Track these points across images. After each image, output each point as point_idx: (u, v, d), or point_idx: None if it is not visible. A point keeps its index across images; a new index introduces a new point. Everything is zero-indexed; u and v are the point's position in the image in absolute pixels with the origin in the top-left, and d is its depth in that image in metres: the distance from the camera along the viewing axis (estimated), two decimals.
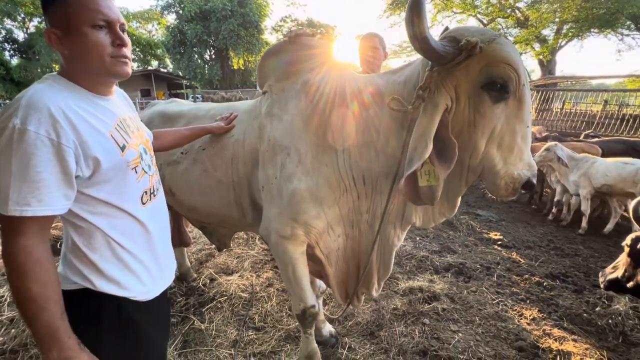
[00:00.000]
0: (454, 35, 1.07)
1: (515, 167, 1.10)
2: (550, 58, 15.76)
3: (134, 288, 0.93)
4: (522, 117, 1.09)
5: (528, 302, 2.46)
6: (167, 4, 26.47)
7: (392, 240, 1.47)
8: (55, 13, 0.81)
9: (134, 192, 0.93)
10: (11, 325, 2.09)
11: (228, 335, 2.07)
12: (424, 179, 1.12)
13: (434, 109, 1.05)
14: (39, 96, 0.76)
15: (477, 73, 1.05)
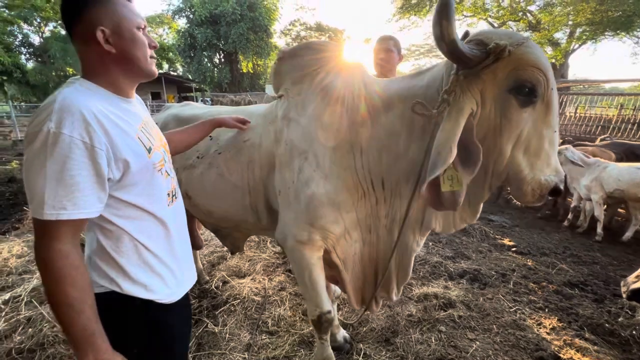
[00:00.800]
0: (481, 38, 1.05)
1: (542, 172, 1.07)
2: (563, 61, 15.52)
3: (159, 291, 0.94)
4: (549, 122, 1.07)
5: (547, 311, 2.39)
6: (178, 8, 26.86)
7: (411, 245, 1.44)
8: (106, 12, 0.82)
9: (161, 193, 0.94)
10: (28, 324, 2.11)
11: (241, 339, 2.06)
12: (447, 184, 1.09)
13: (458, 113, 1.03)
14: (71, 100, 0.76)
15: (505, 77, 1.03)
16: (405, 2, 17.88)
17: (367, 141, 1.36)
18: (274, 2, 27.58)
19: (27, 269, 2.83)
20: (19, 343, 1.96)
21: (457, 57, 0.99)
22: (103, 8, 0.82)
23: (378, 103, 1.34)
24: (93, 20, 0.81)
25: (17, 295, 2.38)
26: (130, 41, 0.85)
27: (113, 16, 0.82)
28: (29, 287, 2.48)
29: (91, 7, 0.81)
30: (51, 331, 2.03)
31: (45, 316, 2.14)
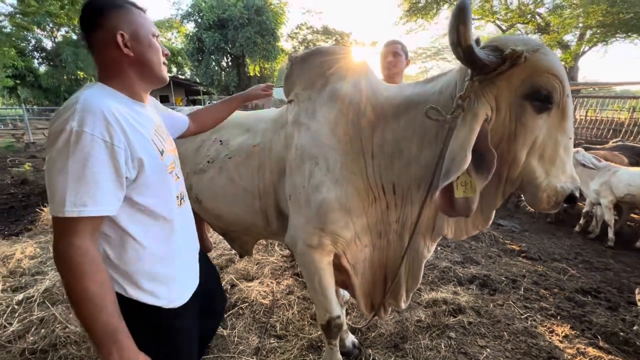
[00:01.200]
0: (496, 44, 1.04)
1: (557, 179, 1.06)
2: (573, 64, 15.33)
3: (165, 297, 0.95)
4: (564, 128, 1.06)
5: (559, 318, 2.35)
6: (187, 13, 27.22)
7: (421, 251, 1.43)
8: (125, 19, 0.87)
9: (171, 195, 0.96)
10: (41, 325, 2.15)
11: (250, 342, 2.06)
12: (460, 190, 1.08)
13: (473, 118, 1.02)
14: (93, 100, 0.78)
15: (520, 83, 1.02)
16: (413, 6, 17.88)
17: (378, 146, 1.36)
18: (281, 5, 27.79)
19: (39, 270, 2.88)
20: (32, 343, 1.99)
21: (473, 62, 0.99)
22: (122, 15, 0.87)
23: (389, 108, 1.34)
24: (113, 26, 0.85)
25: (30, 296, 2.42)
26: (147, 46, 0.90)
27: (131, 23, 0.87)
28: (42, 288, 2.52)
29: (112, 14, 0.86)
30: (63, 332, 2.06)
31: (57, 317, 2.17)
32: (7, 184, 6.26)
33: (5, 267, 2.90)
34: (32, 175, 6.74)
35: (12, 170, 7.22)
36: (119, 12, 0.86)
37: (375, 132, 1.36)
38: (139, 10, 0.92)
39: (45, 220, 4.03)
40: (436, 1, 17.45)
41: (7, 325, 2.14)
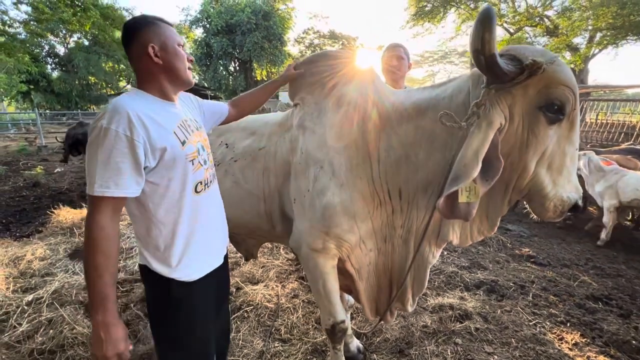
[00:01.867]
0: (513, 54, 1.04)
1: (564, 189, 1.09)
2: (583, 67, 15.12)
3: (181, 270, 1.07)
4: (572, 139, 1.09)
5: (568, 325, 2.30)
6: (196, 18, 27.64)
7: (426, 257, 1.42)
8: (151, 33, 1.03)
9: (190, 181, 1.08)
10: (49, 325, 2.18)
11: (254, 345, 2.06)
12: (464, 196, 1.08)
13: (489, 126, 1.03)
14: (121, 104, 0.95)
15: (536, 93, 1.03)
16: (419, 10, 17.87)
17: (384, 151, 1.36)
18: (288, 11, 28.06)
19: (49, 272, 2.93)
20: (41, 344, 2.02)
21: (494, 71, 0.99)
22: (153, 30, 1.04)
23: (396, 113, 1.34)
24: (145, 40, 1.02)
25: (40, 297, 2.46)
26: (174, 55, 1.05)
27: (160, 36, 1.04)
28: (51, 289, 2.56)
29: (144, 30, 1.03)
30: (71, 333, 2.08)
31: (65, 318, 2.20)
32: (19, 187, 6.39)
33: (16, 268, 2.96)
34: (44, 178, 6.88)
35: (24, 173, 7.38)
36: (150, 28, 1.03)
37: (382, 137, 1.36)
38: (167, 24, 1.07)
39: (56, 223, 4.10)
40: (443, 5, 17.42)
41: (16, 325, 2.18)
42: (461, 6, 17.37)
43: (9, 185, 6.54)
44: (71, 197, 5.65)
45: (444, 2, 17.24)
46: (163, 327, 1.12)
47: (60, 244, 3.52)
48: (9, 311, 2.31)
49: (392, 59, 2.30)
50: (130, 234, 3.74)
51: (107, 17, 10.60)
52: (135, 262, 3.09)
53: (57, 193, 5.94)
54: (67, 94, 26.73)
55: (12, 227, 4.30)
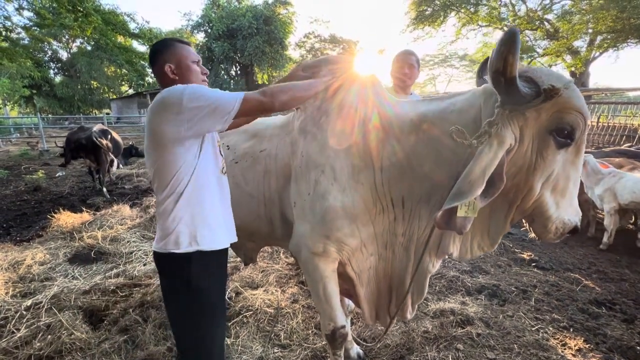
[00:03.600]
0: (530, 76, 1.04)
1: (566, 212, 1.12)
2: (584, 70, 15.14)
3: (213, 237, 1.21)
4: (577, 164, 1.12)
5: (572, 331, 2.28)
6: (197, 23, 27.82)
7: (426, 266, 1.41)
8: (169, 54, 1.23)
9: (219, 160, 1.28)
10: (48, 331, 2.16)
11: (254, 351, 2.04)
12: (463, 210, 1.08)
13: (499, 146, 1.02)
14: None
15: (548, 117, 1.04)
16: (419, 14, 17.95)
17: (387, 160, 1.34)
18: (289, 15, 28.22)
19: (49, 276, 2.92)
20: (38, 350, 2.00)
21: (511, 93, 0.98)
22: (169, 52, 1.23)
23: (401, 123, 1.33)
24: (164, 60, 1.23)
25: (38, 302, 2.45)
26: (187, 71, 1.24)
27: (175, 55, 1.23)
28: (50, 294, 2.55)
29: (163, 52, 1.24)
30: (69, 339, 2.07)
31: (64, 323, 2.19)
32: (20, 191, 6.41)
33: (15, 272, 2.95)
34: (45, 182, 6.89)
35: (25, 177, 7.40)
36: (168, 49, 1.23)
37: (385, 146, 1.35)
38: (184, 44, 1.27)
39: (56, 227, 4.10)
40: (443, 9, 17.50)
41: (14, 331, 2.16)
42: (461, 10, 17.46)
43: (10, 189, 6.55)
44: (72, 201, 5.65)
45: (444, 6, 17.33)
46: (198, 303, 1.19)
47: (60, 248, 3.51)
48: (7, 316, 2.30)
49: (404, 67, 2.31)
50: (130, 237, 3.73)
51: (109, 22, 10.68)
52: (135, 266, 3.08)
53: (58, 197, 5.95)
54: (69, 98, 26.91)
55: (13, 232, 4.30)
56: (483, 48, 19.66)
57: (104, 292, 2.63)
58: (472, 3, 17.10)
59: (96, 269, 3.08)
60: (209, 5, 27.40)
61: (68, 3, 9.55)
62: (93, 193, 6.15)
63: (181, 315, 1.21)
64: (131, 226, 4.08)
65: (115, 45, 12.66)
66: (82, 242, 3.60)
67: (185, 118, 1.07)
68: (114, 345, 2.05)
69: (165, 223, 1.15)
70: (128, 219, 4.29)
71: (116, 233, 3.80)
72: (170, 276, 1.20)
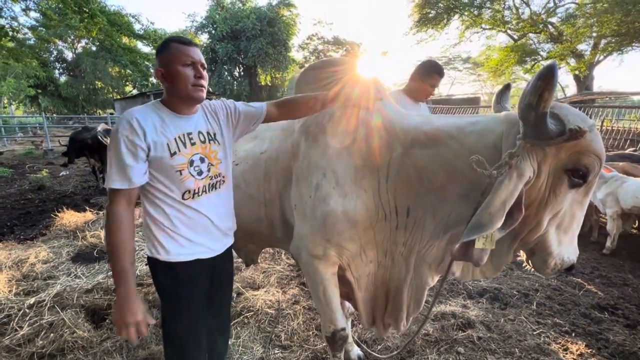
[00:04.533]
0: (557, 113, 1.03)
1: (567, 250, 1.15)
2: (588, 73, 15.08)
3: (167, 253, 1.20)
4: (583, 205, 1.14)
5: (573, 335, 2.26)
6: (201, 24, 28.01)
7: (425, 279, 1.38)
8: (162, 58, 1.17)
9: (177, 188, 1.19)
10: (50, 329, 2.18)
11: (254, 352, 2.05)
12: (481, 242, 1.06)
13: (519, 178, 1.01)
14: (127, 112, 1.15)
15: (567, 156, 1.05)
16: (423, 16, 17.97)
17: (394, 169, 1.34)
18: (292, 17, 28.32)
19: (51, 275, 2.94)
20: (41, 347, 2.01)
21: (538, 128, 0.97)
22: (162, 56, 1.17)
23: (412, 134, 1.32)
24: (158, 64, 1.19)
25: (42, 300, 2.47)
26: (175, 76, 1.15)
27: (166, 60, 1.16)
28: (53, 292, 2.57)
29: (158, 56, 1.19)
30: (71, 337, 2.08)
31: (66, 322, 2.20)
32: (25, 190, 6.46)
33: (19, 270, 2.97)
34: (49, 181, 6.94)
35: (30, 176, 7.45)
36: (162, 53, 1.17)
37: (393, 155, 1.34)
38: (179, 44, 1.16)
39: (59, 226, 4.13)
40: (446, 12, 17.51)
41: (17, 328, 2.18)
42: (465, 13, 17.46)
43: (14, 188, 6.61)
44: (75, 200, 5.69)
45: (447, 9, 17.34)
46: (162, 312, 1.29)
47: (64, 247, 3.53)
48: (10, 314, 2.32)
49: (435, 82, 2.35)
50: None
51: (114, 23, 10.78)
52: (137, 266, 3.10)
53: (61, 196, 5.99)
54: (74, 98, 27.11)
55: (17, 230, 4.33)
56: (486, 51, 19.63)
57: (106, 291, 2.65)
58: (475, 6, 17.09)
59: (98, 268, 3.10)
60: (213, 7, 27.58)
61: (74, 4, 9.63)
62: (96, 192, 6.19)
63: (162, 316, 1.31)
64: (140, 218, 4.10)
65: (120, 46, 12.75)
66: (85, 241, 3.63)
67: None
68: (115, 344, 2.06)
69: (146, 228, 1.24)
70: None
71: None
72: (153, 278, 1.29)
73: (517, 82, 22.75)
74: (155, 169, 1.15)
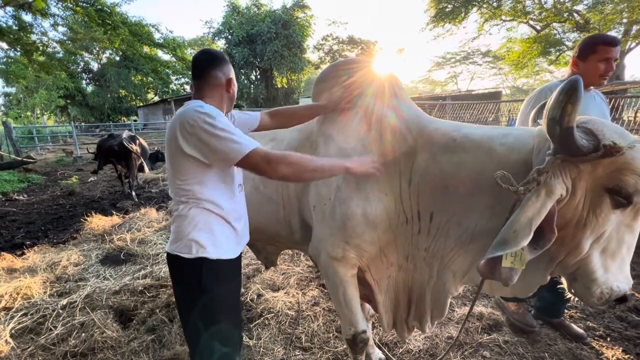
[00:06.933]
0: (590, 128, 0.97)
1: (615, 277, 1.03)
2: (619, 62, 14.27)
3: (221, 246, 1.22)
4: (634, 228, 1.03)
5: (609, 340, 2.14)
6: (218, 30, 28.62)
7: (448, 287, 1.34)
8: (230, 69, 1.31)
9: (235, 180, 1.30)
10: (82, 329, 2.28)
11: (275, 353, 2.06)
12: (509, 261, 1.01)
13: (548, 196, 0.96)
14: (202, 104, 1.19)
15: (606, 175, 0.96)
16: (439, 11, 17.60)
17: (417, 174, 1.31)
18: (307, 18, 28.44)
19: (82, 277, 3.07)
20: (73, 347, 2.11)
21: (566, 144, 0.92)
22: (228, 66, 1.32)
23: (440, 140, 1.29)
24: (225, 72, 1.31)
25: (73, 301, 2.58)
26: (234, 89, 1.35)
27: (230, 72, 1.31)
28: (84, 294, 2.69)
29: (224, 63, 1.31)
30: (101, 337, 2.17)
31: (96, 322, 2.29)
32: (56, 195, 6.80)
33: (52, 273, 3.13)
34: (79, 187, 7.28)
35: (61, 182, 7.85)
36: (228, 63, 1.32)
37: (417, 159, 1.32)
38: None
39: (88, 230, 4.32)
40: (464, 5, 17.07)
41: (52, 328, 2.29)
42: (483, 5, 16.96)
43: (47, 194, 6.97)
44: (103, 205, 5.93)
45: (465, 2, 16.90)
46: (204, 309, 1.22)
47: (93, 250, 3.69)
48: (45, 314, 2.44)
49: (607, 54, 1.80)
50: (157, 240, 3.86)
51: (135, 33, 11.22)
52: (161, 268, 3.19)
53: (90, 201, 6.26)
54: (100, 106, 28.39)
55: (50, 234, 4.56)
56: (507, 43, 18.98)
57: (132, 293, 2.74)
58: None
59: (125, 270, 3.22)
60: (229, 12, 28.10)
61: (98, 17, 10.09)
62: (122, 197, 6.43)
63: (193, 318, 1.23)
64: (157, 229, 4.24)
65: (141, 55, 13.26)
66: (113, 244, 3.77)
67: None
68: (142, 344, 2.13)
69: (180, 227, 1.20)
70: (155, 222, 4.46)
71: (144, 235, 3.96)
72: (180, 279, 1.25)
73: (541, 74, 21.88)
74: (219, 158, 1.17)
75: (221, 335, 1.24)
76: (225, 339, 1.26)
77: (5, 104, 27.50)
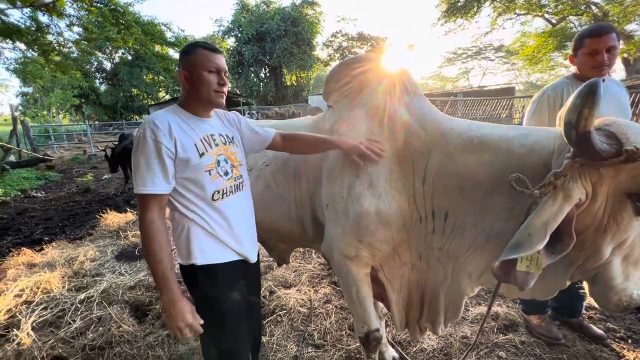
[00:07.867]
0: (612, 131, 0.93)
1: (636, 285, 1.01)
2: (638, 55, 13.83)
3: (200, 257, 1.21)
4: None
5: (630, 342, 2.08)
6: (228, 29, 28.81)
7: (463, 288, 1.32)
8: (186, 61, 1.18)
9: (207, 189, 1.19)
10: (99, 323, 2.33)
11: (288, 350, 2.07)
12: (524, 265, 0.99)
13: (565, 200, 0.93)
14: (151, 117, 1.16)
15: (629, 179, 0.93)
16: (451, 6, 17.31)
17: (432, 174, 1.29)
18: (316, 15, 28.35)
19: (99, 272, 3.14)
20: (91, 340, 2.16)
21: (584, 148, 0.89)
22: (186, 59, 1.19)
23: (455, 140, 1.26)
24: (182, 65, 1.20)
25: (90, 296, 2.64)
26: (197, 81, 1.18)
27: (190, 62, 1.18)
28: (100, 288, 2.74)
29: (183, 56, 1.20)
30: (118, 331, 2.21)
31: (113, 317, 2.34)
32: (72, 192, 6.97)
33: (70, 268, 3.21)
34: (94, 185, 7.44)
35: (77, 180, 8.03)
36: (186, 57, 1.19)
37: (432, 158, 1.30)
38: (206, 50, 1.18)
39: (104, 226, 4.41)
40: None
41: (71, 322, 2.35)
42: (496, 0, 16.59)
43: (64, 191, 7.15)
44: (117, 202, 6.05)
45: None
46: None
47: (108, 246, 3.77)
48: (64, 308, 2.51)
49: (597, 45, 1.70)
50: (169, 236, 3.92)
51: (148, 32, 11.36)
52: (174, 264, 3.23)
53: (105, 198, 6.40)
54: (113, 105, 28.93)
55: (67, 230, 4.68)
56: (521, 38, 18.54)
57: (147, 288, 2.79)
58: None
59: (140, 266, 3.27)
60: (238, 11, 28.23)
61: (112, 17, 10.25)
62: None
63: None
64: (169, 226, 4.29)
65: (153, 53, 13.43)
66: (127, 240, 3.84)
67: None
68: (157, 338, 2.17)
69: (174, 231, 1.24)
70: (167, 219, 4.52)
71: None
72: (184, 281, 1.27)
73: (556, 68, 21.32)
74: (184, 170, 1.14)
75: (227, 334, 1.25)
76: (232, 338, 1.26)
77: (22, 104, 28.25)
